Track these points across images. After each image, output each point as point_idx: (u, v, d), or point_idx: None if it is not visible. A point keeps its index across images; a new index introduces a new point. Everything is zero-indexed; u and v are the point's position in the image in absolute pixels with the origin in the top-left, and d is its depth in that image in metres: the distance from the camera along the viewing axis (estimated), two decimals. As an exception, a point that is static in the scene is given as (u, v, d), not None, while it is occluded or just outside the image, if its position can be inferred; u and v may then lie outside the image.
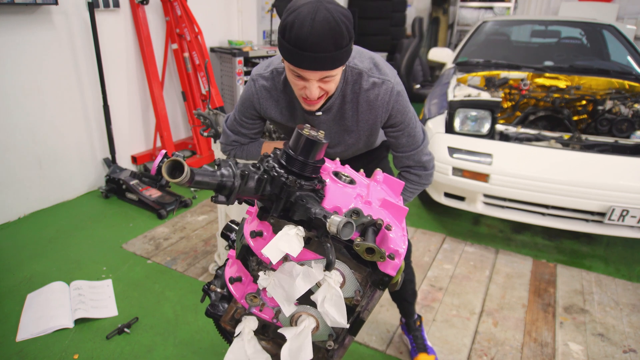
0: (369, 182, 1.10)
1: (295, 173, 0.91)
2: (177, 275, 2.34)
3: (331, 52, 1.02)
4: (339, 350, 1.10)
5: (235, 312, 1.08)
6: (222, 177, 0.84)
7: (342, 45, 1.03)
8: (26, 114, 2.82)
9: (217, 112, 2.63)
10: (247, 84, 1.36)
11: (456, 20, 7.36)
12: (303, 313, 1.02)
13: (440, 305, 2.16)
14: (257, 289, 1.01)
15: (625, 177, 2.29)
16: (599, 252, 2.69)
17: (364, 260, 0.94)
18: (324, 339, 1.06)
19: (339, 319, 0.93)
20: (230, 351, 1.05)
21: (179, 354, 1.82)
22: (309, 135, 0.90)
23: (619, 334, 2.00)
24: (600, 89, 3.22)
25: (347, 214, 0.91)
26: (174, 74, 3.79)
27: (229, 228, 1.21)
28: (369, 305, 1.00)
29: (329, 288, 0.93)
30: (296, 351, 0.97)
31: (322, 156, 0.96)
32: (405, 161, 1.39)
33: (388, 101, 1.25)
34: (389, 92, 1.25)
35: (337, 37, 1.01)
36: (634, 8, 5.80)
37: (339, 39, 1.02)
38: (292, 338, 0.99)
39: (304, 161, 0.91)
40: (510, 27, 4.39)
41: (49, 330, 1.91)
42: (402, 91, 1.28)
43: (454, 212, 3.08)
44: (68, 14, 2.91)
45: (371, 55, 1.29)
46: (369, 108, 1.27)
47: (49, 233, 2.72)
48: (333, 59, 1.04)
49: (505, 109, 3.25)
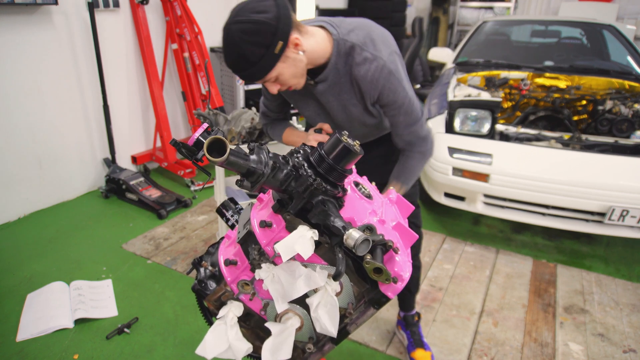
0: (384, 200, 1.10)
1: (323, 176, 0.90)
2: (177, 275, 2.34)
3: (248, 70, 1.12)
4: (315, 354, 1.08)
5: (223, 294, 1.05)
6: (254, 163, 0.83)
7: (253, 62, 1.11)
8: (26, 114, 2.82)
9: (217, 112, 2.63)
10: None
11: (456, 20, 7.36)
12: (290, 311, 1.01)
13: (440, 305, 2.16)
14: (252, 277, 0.99)
15: (625, 177, 2.29)
16: (599, 252, 2.69)
17: (366, 276, 0.94)
18: (304, 340, 1.04)
19: (329, 328, 0.92)
20: (210, 332, 1.03)
21: (179, 354, 1.82)
22: (346, 143, 0.88)
23: (619, 334, 2.00)
24: (600, 89, 3.23)
25: (361, 228, 0.90)
26: (174, 74, 3.79)
27: (226, 206, 1.18)
28: (358, 320, 1.01)
29: (326, 295, 0.93)
30: (277, 348, 0.97)
31: (352, 167, 0.95)
32: (405, 138, 1.36)
33: (377, 79, 1.23)
34: (379, 70, 1.22)
35: (242, 59, 1.11)
36: (634, 8, 5.81)
37: (246, 60, 1.10)
38: (276, 334, 0.98)
39: (335, 167, 0.89)
40: (510, 27, 4.39)
41: (49, 330, 1.91)
42: (395, 70, 1.24)
43: (454, 212, 3.08)
44: (68, 14, 2.91)
45: (370, 31, 1.26)
46: (361, 83, 1.27)
47: (49, 233, 2.72)
48: (253, 74, 1.14)
49: (505, 109, 3.25)
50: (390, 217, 1.03)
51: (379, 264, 0.85)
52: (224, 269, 1.02)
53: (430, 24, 7.55)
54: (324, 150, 0.90)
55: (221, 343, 1.01)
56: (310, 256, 0.88)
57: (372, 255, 0.87)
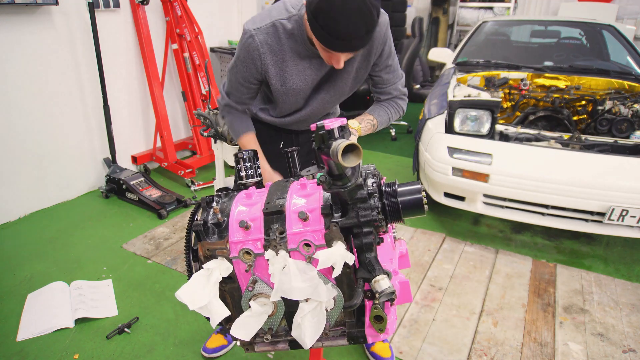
0: (397, 251, 1.12)
1: (385, 212, 0.91)
2: (177, 275, 2.34)
3: (362, 37, 1.08)
4: (267, 346, 1.07)
5: (220, 249, 0.98)
6: (352, 171, 0.83)
7: (372, 28, 1.08)
8: (26, 114, 2.82)
9: (217, 112, 2.63)
10: (244, 40, 1.31)
11: (456, 20, 7.36)
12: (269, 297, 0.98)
13: (440, 305, 2.16)
14: (256, 252, 0.95)
15: (625, 177, 2.29)
16: (599, 252, 2.70)
17: (359, 308, 0.95)
18: (264, 328, 1.02)
19: (306, 339, 0.91)
20: (190, 283, 0.97)
21: (179, 354, 1.83)
22: (423, 197, 0.90)
23: (618, 334, 2.00)
24: (599, 89, 3.23)
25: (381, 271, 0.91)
26: (174, 74, 3.79)
27: (247, 159, 1.13)
28: (326, 342, 1.01)
29: (319, 308, 0.92)
30: (244, 326, 0.97)
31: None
32: (389, 92, 1.52)
33: (385, 31, 1.31)
34: (385, 23, 1.31)
35: (368, 23, 1.06)
36: (634, 8, 5.81)
37: (370, 25, 1.07)
38: (251, 314, 0.97)
39: (400, 211, 0.91)
40: (510, 27, 4.40)
41: (49, 330, 1.91)
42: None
43: (454, 212, 3.08)
44: (68, 14, 2.91)
45: None
46: (376, 37, 1.32)
47: (49, 233, 2.73)
48: (364, 42, 1.10)
49: (505, 109, 3.25)
50: (398, 268, 1.06)
51: (384, 313, 0.87)
52: (234, 228, 0.97)
53: (430, 24, 7.55)
54: (399, 191, 0.91)
55: (201, 297, 0.96)
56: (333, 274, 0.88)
57: (377, 301, 0.88)
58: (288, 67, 1.34)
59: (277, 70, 1.35)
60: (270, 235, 0.93)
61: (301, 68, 1.36)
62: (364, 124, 1.46)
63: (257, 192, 1.06)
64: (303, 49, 1.31)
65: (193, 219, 1.07)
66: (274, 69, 1.34)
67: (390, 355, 1.77)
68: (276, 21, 1.28)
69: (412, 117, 4.92)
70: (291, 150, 1.17)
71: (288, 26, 1.28)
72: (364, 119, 1.47)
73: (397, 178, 0.98)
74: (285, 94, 1.40)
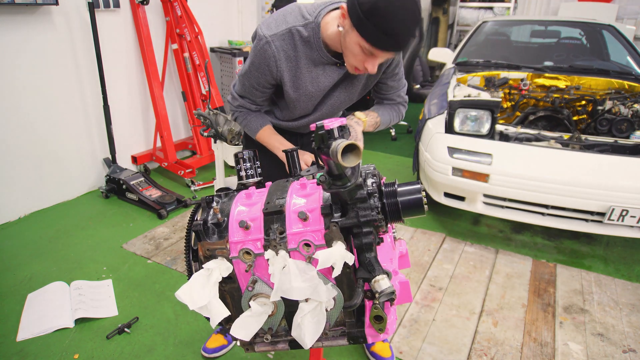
0: (398, 251, 1.11)
1: (385, 212, 0.91)
2: (177, 275, 2.34)
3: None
4: (267, 346, 1.07)
5: (220, 249, 0.98)
6: (351, 171, 0.83)
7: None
8: (26, 114, 2.82)
9: (217, 112, 2.63)
10: (260, 46, 1.29)
11: (456, 20, 7.36)
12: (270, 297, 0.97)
13: (440, 305, 2.16)
14: (256, 252, 0.95)
15: (625, 177, 2.29)
16: (599, 252, 2.70)
17: (359, 308, 0.95)
18: (264, 328, 1.02)
19: (306, 339, 0.91)
20: (190, 283, 0.97)
21: (179, 353, 1.83)
22: (423, 197, 0.90)
23: (618, 334, 2.00)
24: (599, 89, 3.23)
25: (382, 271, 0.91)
26: (174, 74, 3.79)
27: (247, 159, 1.13)
28: (326, 342, 1.01)
29: (319, 308, 0.92)
30: (243, 326, 0.97)
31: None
32: (392, 99, 1.56)
33: None
34: None
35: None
36: (634, 8, 5.80)
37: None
38: (249, 314, 0.97)
39: (400, 212, 0.91)
40: (510, 27, 4.40)
41: (49, 330, 1.91)
42: None
43: (454, 212, 3.08)
44: (68, 14, 2.91)
45: None
46: None
47: (49, 233, 2.73)
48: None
49: (505, 109, 3.25)
50: (398, 268, 1.05)
51: (384, 313, 0.87)
52: (234, 228, 0.97)
53: (430, 24, 7.55)
54: (399, 191, 0.91)
55: (201, 297, 0.96)
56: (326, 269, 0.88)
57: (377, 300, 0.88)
58: (302, 74, 1.35)
59: (291, 76, 1.35)
60: (270, 235, 0.93)
61: (315, 75, 1.36)
62: (369, 119, 1.47)
63: (257, 192, 1.06)
64: (318, 56, 1.31)
65: (193, 219, 1.06)
66: (289, 75, 1.35)
67: (390, 355, 1.77)
68: (292, 27, 1.28)
69: (412, 117, 4.92)
70: (291, 150, 1.17)
71: (304, 33, 1.28)
72: (370, 114, 1.48)
73: (397, 178, 0.98)
74: (297, 100, 1.41)
